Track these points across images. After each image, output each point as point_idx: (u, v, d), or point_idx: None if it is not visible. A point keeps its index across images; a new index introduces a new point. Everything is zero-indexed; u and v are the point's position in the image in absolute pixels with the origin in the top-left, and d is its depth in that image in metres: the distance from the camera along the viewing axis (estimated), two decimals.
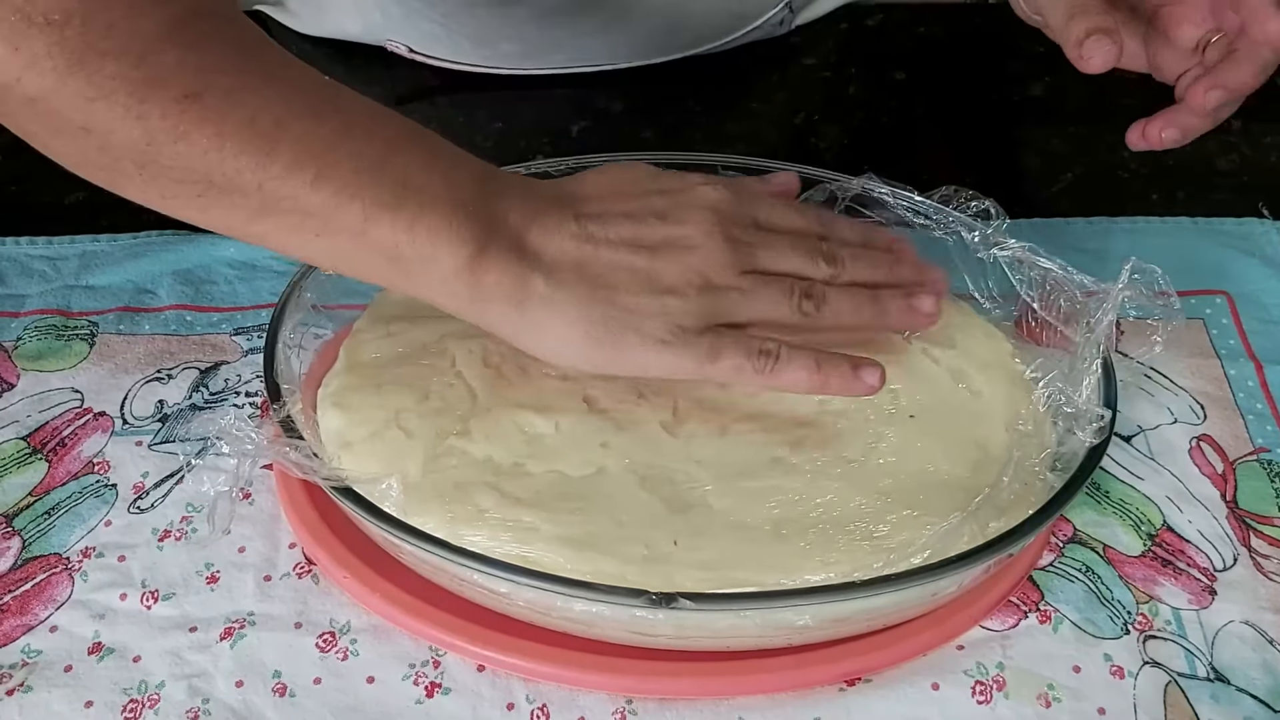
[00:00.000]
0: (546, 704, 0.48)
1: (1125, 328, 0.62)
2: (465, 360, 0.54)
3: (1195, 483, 0.55)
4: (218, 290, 0.66)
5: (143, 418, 0.59)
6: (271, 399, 0.51)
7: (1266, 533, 0.53)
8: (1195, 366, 0.60)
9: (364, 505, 0.47)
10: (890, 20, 0.84)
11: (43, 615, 0.52)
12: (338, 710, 0.48)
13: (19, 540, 0.54)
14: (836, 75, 0.81)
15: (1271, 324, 0.62)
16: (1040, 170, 0.72)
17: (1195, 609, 0.51)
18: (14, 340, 0.63)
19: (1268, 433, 0.57)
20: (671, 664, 0.48)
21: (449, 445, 0.50)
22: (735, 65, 0.81)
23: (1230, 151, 0.74)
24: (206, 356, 0.62)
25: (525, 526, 0.47)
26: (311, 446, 0.49)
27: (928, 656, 0.49)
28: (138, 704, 0.48)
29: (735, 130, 0.77)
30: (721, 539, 0.47)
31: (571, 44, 0.77)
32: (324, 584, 0.52)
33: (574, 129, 0.77)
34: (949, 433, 0.51)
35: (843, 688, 0.48)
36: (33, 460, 0.58)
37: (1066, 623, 0.50)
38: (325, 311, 0.57)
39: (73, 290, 0.66)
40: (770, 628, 0.46)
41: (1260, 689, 0.48)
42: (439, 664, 0.49)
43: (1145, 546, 0.53)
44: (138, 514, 0.55)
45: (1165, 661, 0.49)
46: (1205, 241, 0.67)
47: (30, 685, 0.49)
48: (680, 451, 0.50)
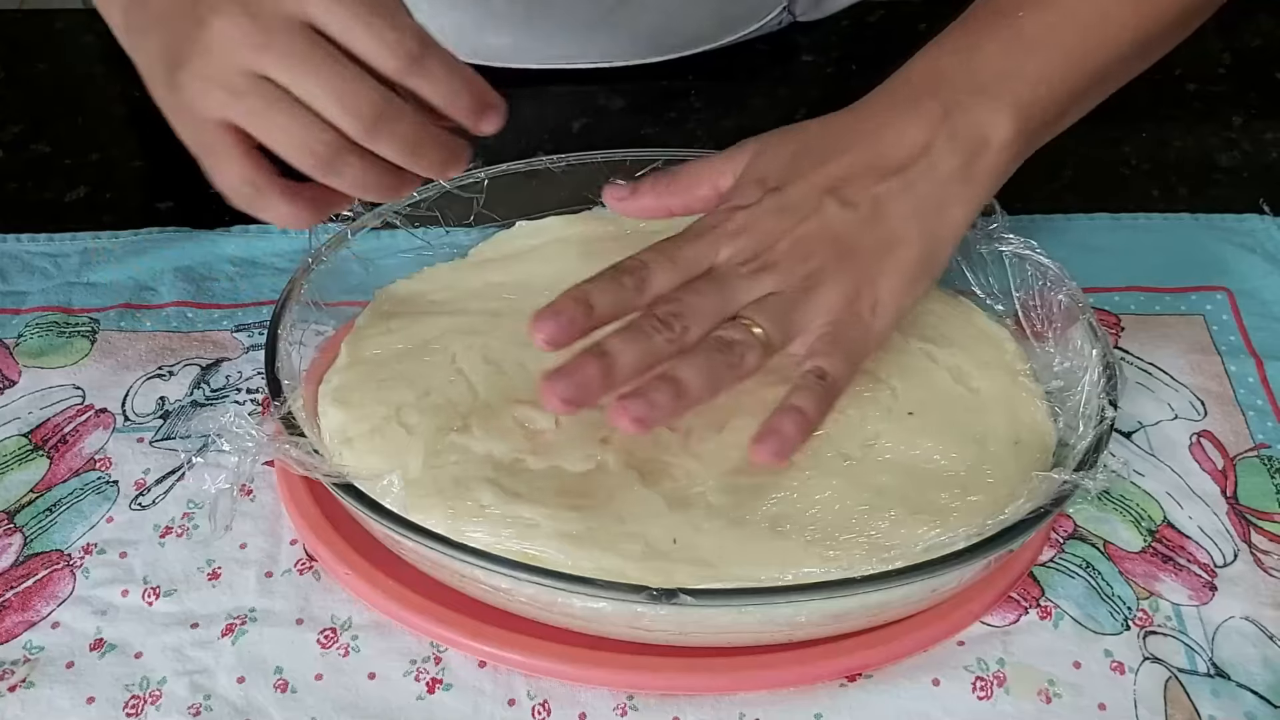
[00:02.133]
0: (548, 700, 0.48)
1: (1126, 324, 0.62)
2: (466, 356, 0.54)
3: (1196, 478, 0.55)
4: (219, 287, 0.66)
5: (144, 414, 0.59)
6: (273, 395, 0.51)
7: (1267, 528, 0.53)
8: (1196, 362, 0.60)
9: (365, 501, 0.47)
10: (891, 17, 0.84)
11: (44, 612, 0.52)
12: (339, 706, 0.48)
13: (21, 537, 0.54)
14: (838, 71, 0.81)
15: (1272, 320, 0.62)
16: (1041, 166, 0.72)
17: (1195, 605, 0.51)
18: (15, 337, 0.63)
19: (1268, 428, 0.57)
20: (672, 660, 0.48)
21: (450, 441, 0.50)
22: (736, 62, 0.81)
23: (1231, 148, 0.74)
24: (208, 353, 0.62)
25: (525, 522, 0.47)
26: (312, 443, 0.49)
27: (928, 652, 0.49)
28: (140, 700, 0.48)
29: (736, 127, 0.77)
30: (720, 535, 0.47)
31: (565, 43, 0.77)
32: (325, 580, 0.52)
33: (575, 126, 0.77)
34: (947, 430, 0.51)
35: (844, 683, 0.48)
36: (34, 457, 0.58)
37: (1067, 618, 0.50)
38: (326, 308, 0.57)
39: (74, 287, 0.66)
40: (771, 624, 0.46)
41: (1260, 684, 0.48)
42: (440, 660, 0.50)
43: (1146, 542, 0.53)
44: (139, 510, 0.55)
45: (1166, 657, 0.49)
46: (1206, 237, 0.67)
47: (32, 681, 0.49)
48: (679, 448, 0.50)
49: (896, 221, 0.49)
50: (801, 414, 0.45)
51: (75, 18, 0.88)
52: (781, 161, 0.51)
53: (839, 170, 0.50)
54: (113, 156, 0.75)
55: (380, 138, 0.44)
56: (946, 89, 0.50)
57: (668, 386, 0.44)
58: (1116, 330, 0.62)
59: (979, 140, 0.50)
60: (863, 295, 0.48)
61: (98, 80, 0.83)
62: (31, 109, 0.79)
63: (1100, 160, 0.73)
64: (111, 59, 0.85)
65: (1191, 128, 0.75)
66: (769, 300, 0.47)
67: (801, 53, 0.82)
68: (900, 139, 0.50)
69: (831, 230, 0.49)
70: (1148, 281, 0.64)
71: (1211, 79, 0.79)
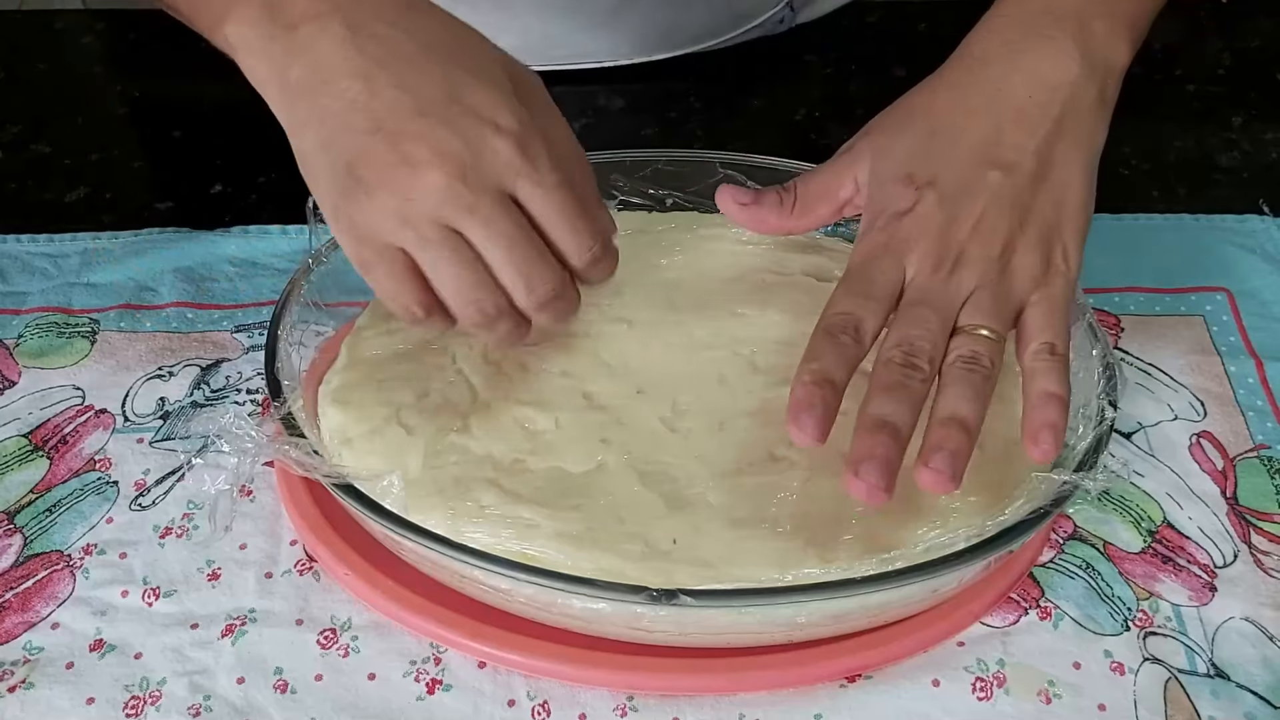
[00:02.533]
0: (548, 700, 0.48)
1: (1126, 324, 0.62)
2: (466, 357, 0.54)
3: (1195, 479, 0.55)
4: (219, 287, 0.66)
5: (144, 415, 0.59)
6: (273, 396, 0.51)
7: (1266, 529, 0.53)
8: (1195, 363, 0.60)
9: (365, 502, 0.47)
10: (891, 17, 0.84)
11: (44, 612, 0.52)
12: (339, 707, 0.48)
13: (20, 537, 0.54)
14: (837, 72, 0.81)
15: (1272, 320, 0.62)
16: None
17: (1195, 605, 0.51)
18: (15, 338, 0.63)
19: (1268, 429, 0.57)
20: (672, 660, 0.48)
21: (450, 442, 0.50)
22: (736, 62, 0.81)
23: (1231, 148, 0.74)
24: (208, 354, 0.62)
25: (525, 523, 0.47)
26: (312, 443, 0.49)
27: (928, 653, 0.49)
28: (139, 700, 0.48)
29: (736, 127, 0.77)
30: (720, 535, 0.47)
31: (571, 40, 0.77)
32: (325, 581, 0.52)
33: (575, 126, 0.77)
34: None
35: (843, 684, 0.48)
36: (34, 457, 0.58)
37: (1067, 619, 0.50)
38: (326, 309, 0.57)
39: (74, 288, 0.66)
40: (770, 624, 0.46)
41: (1260, 685, 0.48)
42: (440, 660, 0.50)
43: (1146, 543, 0.53)
44: (139, 511, 0.55)
45: (1165, 658, 0.49)
46: (1206, 238, 0.67)
47: (32, 682, 0.49)
48: (679, 447, 0.50)
49: (1062, 168, 0.49)
50: (1060, 398, 0.46)
51: (75, 18, 0.88)
52: (915, 151, 0.50)
53: (983, 135, 0.49)
54: (113, 156, 0.75)
55: (544, 313, 0.47)
56: (1070, 17, 0.49)
57: (955, 428, 0.44)
58: (1116, 331, 0.62)
59: (1109, 64, 0.49)
60: (1055, 251, 0.48)
61: (98, 80, 0.83)
62: (31, 109, 0.79)
63: (1100, 160, 0.73)
64: (111, 59, 0.85)
65: (1191, 128, 0.75)
66: (979, 296, 0.47)
67: (802, 53, 0.82)
68: (1037, 79, 0.49)
69: (1005, 201, 0.48)
70: (1148, 282, 0.64)
71: (1211, 79, 0.79)
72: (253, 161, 0.73)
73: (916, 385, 0.45)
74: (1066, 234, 0.49)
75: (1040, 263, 0.48)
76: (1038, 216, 0.48)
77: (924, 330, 0.46)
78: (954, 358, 0.46)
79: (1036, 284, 0.48)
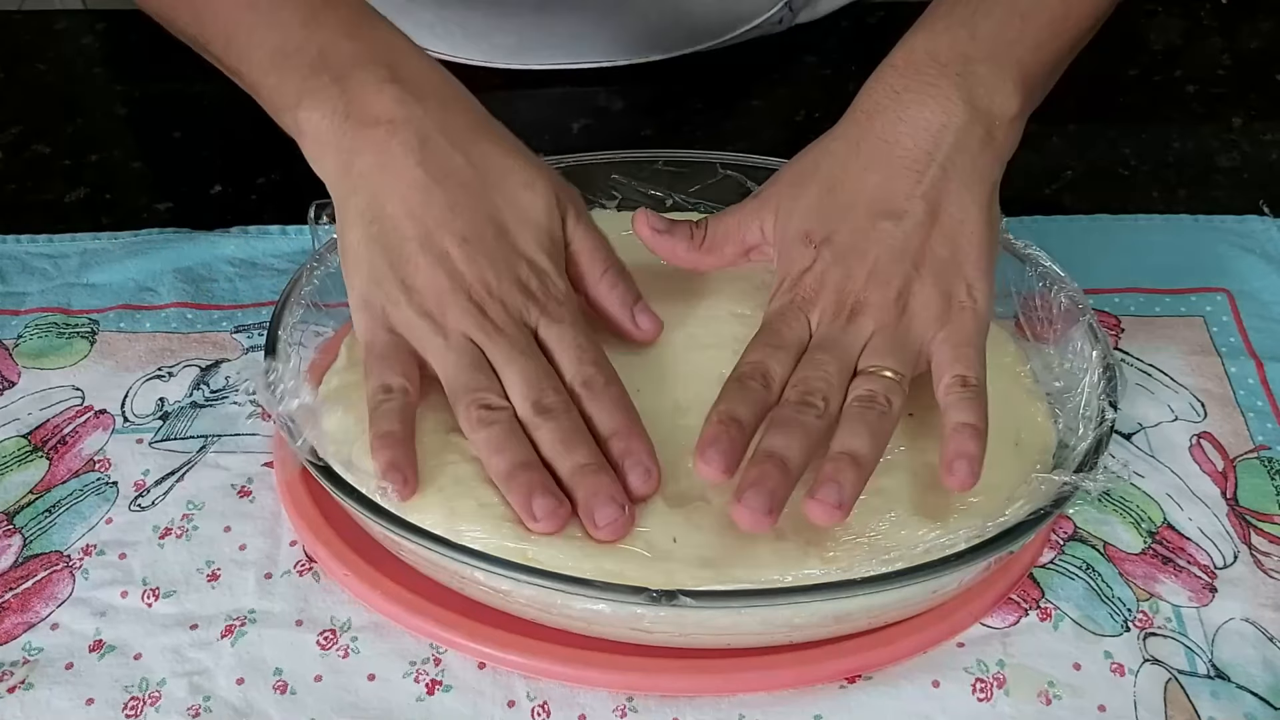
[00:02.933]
0: (547, 701, 0.48)
1: (1126, 325, 0.62)
2: None
3: (1196, 480, 0.55)
4: (218, 288, 0.66)
5: (143, 415, 0.59)
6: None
7: (1267, 530, 0.53)
8: (1196, 364, 0.60)
9: (364, 502, 0.47)
10: (891, 18, 0.84)
11: (44, 613, 0.52)
12: (339, 707, 0.48)
13: (20, 538, 0.54)
14: (837, 73, 0.81)
15: (1272, 321, 0.62)
16: (1040, 167, 0.72)
17: (1195, 606, 0.51)
18: (15, 338, 0.63)
19: (1268, 430, 0.57)
20: (672, 661, 0.48)
21: (449, 441, 0.50)
22: (736, 62, 0.81)
23: (1231, 149, 0.74)
24: (207, 354, 0.62)
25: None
26: (312, 443, 0.49)
27: (928, 654, 0.49)
28: (139, 701, 0.48)
29: (736, 127, 0.77)
30: (720, 536, 0.47)
31: (569, 39, 0.77)
32: (325, 581, 0.52)
33: (574, 126, 0.77)
34: None
35: (843, 685, 0.48)
36: (33, 458, 0.58)
37: (1067, 620, 0.50)
38: (326, 309, 0.57)
39: (73, 288, 0.66)
40: (771, 625, 0.46)
41: (1260, 686, 0.48)
42: (440, 661, 0.50)
43: (1146, 544, 0.53)
44: (138, 511, 0.55)
45: (1165, 659, 0.49)
46: (1206, 239, 0.67)
47: (31, 683, 0.49)
48: (680, 447, 0.50)
49: (953, 209, 0.50)
50: (975, 428, 0.47)
51: (75, 18, 0.88)
52: (812, 208, 0.52)
53: (874, 186, 0.50)
54: (112, 157, 0.75)
55: (539, 430, 0.48)
56: (956, 63, 0.50)
57: (845, 463, 0.45)
58: (1117, 331, 0.62)
59: (994, 107, 0.50)
60: (956, 288, 0.49)
61: (98, 80, 0.83)
62: (31, 109, 0.79)
63: (1100, 161, 0.73)
64: (111, 59, 0.85)
65: (1191, 128, 0.75)
66: (877, 339, 0.49)
67: (801, 53, 0.82)
68: (920, 126, 0.50)
69: (897, 248, 0.49)
70: (1148, 283, 0.64)
71: (1211, 80, 0.79)
72: (253, 162, 0.73)
73: (811, 420, 0.46)
74: (969, 270, 0.50)
75: (941, 301, 0.49)
76: (932, 258, 0.49)
77: (821, 373, 0.47)
78: (852, 398, 0.47)
79: (940, 322, 0.49)
